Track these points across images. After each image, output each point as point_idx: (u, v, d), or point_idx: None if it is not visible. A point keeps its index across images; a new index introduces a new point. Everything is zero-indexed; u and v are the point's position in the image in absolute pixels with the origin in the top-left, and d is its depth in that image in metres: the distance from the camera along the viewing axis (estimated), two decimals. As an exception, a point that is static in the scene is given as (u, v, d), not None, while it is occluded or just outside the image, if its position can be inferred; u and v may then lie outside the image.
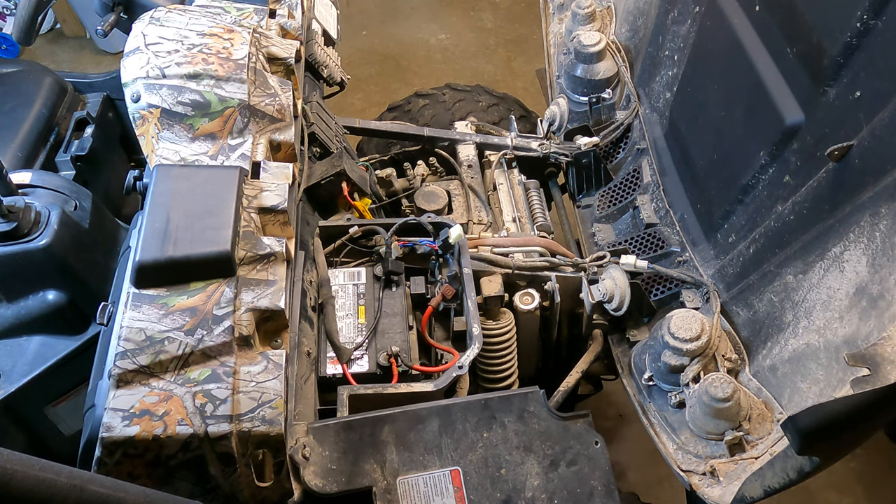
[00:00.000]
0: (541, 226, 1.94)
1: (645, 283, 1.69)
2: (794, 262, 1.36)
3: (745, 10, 1.57)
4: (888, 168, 1.16)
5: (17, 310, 1.59)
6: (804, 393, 1.25)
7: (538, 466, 1.30)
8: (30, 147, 1.97)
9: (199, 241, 1.22)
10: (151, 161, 1.42)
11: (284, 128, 1.49)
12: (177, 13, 1.55)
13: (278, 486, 1.18)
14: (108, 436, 1.07)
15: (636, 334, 1.68)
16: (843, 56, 1.27)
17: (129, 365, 1.12)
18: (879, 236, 1.16)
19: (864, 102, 1.23)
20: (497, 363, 1.60)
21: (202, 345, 1.15)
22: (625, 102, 2.07)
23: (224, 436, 1.10)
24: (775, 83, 1.45)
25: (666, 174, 1.87)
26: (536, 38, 4.23)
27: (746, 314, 1.49)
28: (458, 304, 1.54)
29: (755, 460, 1.30)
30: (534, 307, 1.62)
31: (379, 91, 3.98)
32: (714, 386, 1.34)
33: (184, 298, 1.20)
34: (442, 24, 4.42)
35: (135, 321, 1.17)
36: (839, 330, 1.20)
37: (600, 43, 2.04)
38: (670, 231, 1.78)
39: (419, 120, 2.38)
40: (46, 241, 1.52)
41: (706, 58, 1.73)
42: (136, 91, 1.41)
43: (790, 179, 1.41)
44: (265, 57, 1.56)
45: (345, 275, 1.56)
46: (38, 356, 1.60)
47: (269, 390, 1.15)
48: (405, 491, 1.26)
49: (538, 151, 2.09)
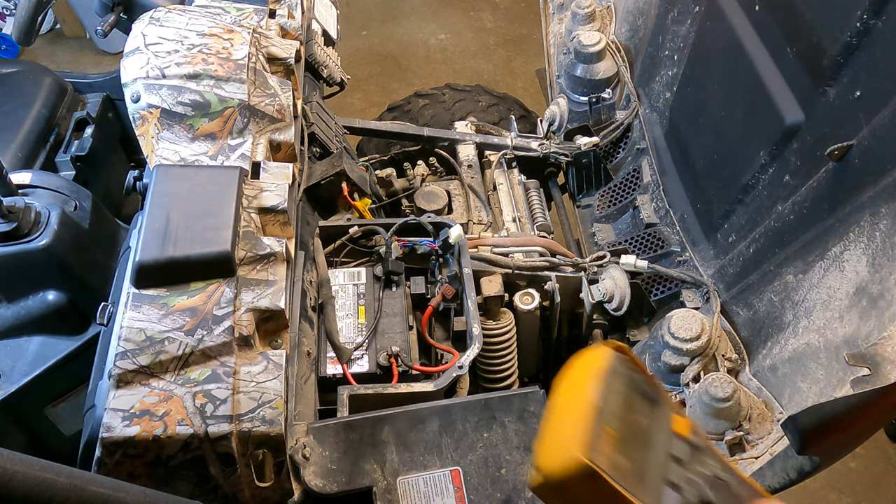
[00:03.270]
0: (541, 226, 1.94)
1: (645, 283, 1.69)
2: (794, 262, 1.36)
3: (744, 9, 1.57)
4: (888, 168, 1.16)
5: (17, 310, 1.59)
6: (804, 393, 1.25)
7: (538, 466, 1.30)
8: (30, 147, 1.97)
9: (199, 241, 1.22)
10: (151, 161, 1.42)
11: (284, 128, 1.49)
12: (177, 13, 1.54)
13: (278, 487, 1.18)
14: (109, 436, 1.07)
15: (636, 334, 1.68)
16: (843, 56, 1.27)
17: (129, 365, 1.12)
18: (879, 236, 1.16)
19: (864, 102, 1.23)
20: (497, 363, 1.60)
21: (202, 345, 1.15)
22: (625, 102, 2.07)
23: (224, 436, 1.10)
24: (775, 83, 1.45)
25: (666, 174, 1.87)
26: (536, 38, 4.24)
27: (746, 314, 1.49)
28: (458, 304, 1.54)
29: (755, 460, 1.30)
30: (534, 307, 1.62)
31: (379, 91, 3.98)
32: (714, 386, 1.34)
33: (184, 298, 1.20)
34: (442, 24, 4.42)
35: (135, 321, 1.17)
36: (839, 329, 1.20)
37: (600, 43, 2.04)
38: (670, 231, 1.78)
39: (419, 120, 2.38)
40: (46, 242, 1.52)
41: (706, 57, 1.73)
42: (136, 91, 1.41)
43: (790, 179, 1.41)
44: (265, 57, 1.56)
45: (345, 275, 1.56)
46: (38, 356, 1.60)
47: (269, 390, 1.15)
48: (405, 491, 1.26)
49: (538, 151, 2.09)
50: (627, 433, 0.53)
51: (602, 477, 0.49)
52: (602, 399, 0.53)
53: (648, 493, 0.52)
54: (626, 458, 0.51)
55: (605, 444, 0.51)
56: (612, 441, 0.51)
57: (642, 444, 0.54)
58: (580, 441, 0.49)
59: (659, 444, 0.56)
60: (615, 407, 0.53)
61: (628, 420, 0.54)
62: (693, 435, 0.59)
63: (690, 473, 0.56)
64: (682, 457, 0.57)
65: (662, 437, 0.56)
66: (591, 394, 0.53)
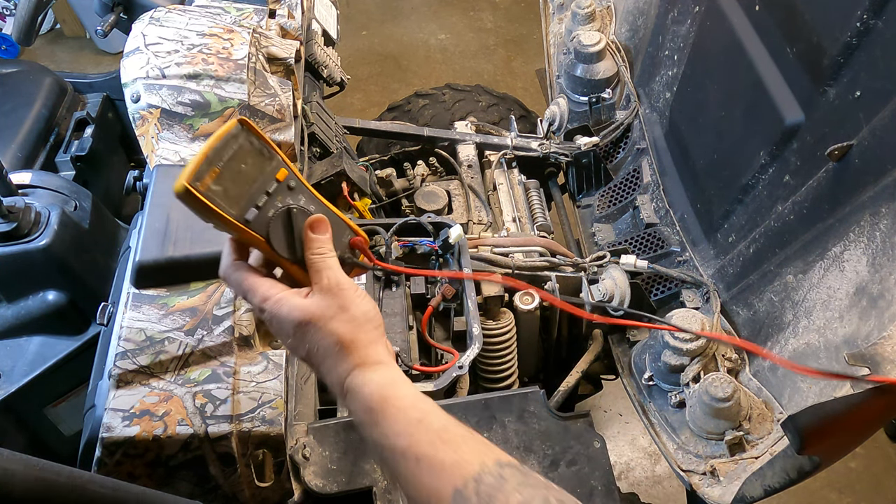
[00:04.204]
0: (541, 226, 1.94)
1: (645, 283, 1.69)
2: (794, 262, 1.36)
3: (744, 9, 1.57)
4: (888, 168, 1.16)
5: (17, 310, 1.59)
6: (804, 392, 1.25)
7: (538, 466, 1.30)
8: (30, 147, 1.97)
9: (199, 241, 1.21)
10: (151, 161, 1.42)
11: (284, 128, 1.49)
12: (176, 13, 1.55)
13: (278, 487, 1.18)
14: (109, 436, 1.07)
15: (636, 334, 1.68)
16: (843, 56, 1.27)
17: (129, 365, 1.12)
18: (879, 236, 1.15)
19: (864, 102, 1.23)
20: (497, 363, 1.60)
21: (202, 345, 1.15)
22: (625, 102, 2.07)
23: (224, 436, 1.10)
24: (775, 83, 1.45)
25: (666, 174, 1.87)
26: (536, 38, 4.24)
27: (746, 314, 1.49)
28: (458, 304, 1.54)
29: (755, 460, 1.30)
30: (534, 307, 1.62)
31: (379, 91, 3.98)
32: (714, 386, 1.34)
33: (184, 298, 1.20)
34: (442, 24, 4.42)
35: (135, 321, 1.17)
36: (839, 329, 1.20)
37: (600, 43, 2.04)
38: (670, 231, 1.78)
39: (419, 120, 2.38)
40: (46, 242, 1.52)
41: (706, 57, 1.73)
42: (136, 91, 1.41)
43: (790, 179, 1.41)
44: (265, 57, 1.56)
45: (345, 275, 1.55)
46: (38, 356, 1.60)
47: (269, 390, 1.15)
48: (405, 491, 1.26)
49: (538, 151, 2.09)
50: (229, 173, 0.82)
51: (195, 195, 0.79)
52: (215, 151, 0.81)
53: (234, 208, 0.82)
54: (221, 187, 0.81)
55: (208, 177, 0.80)
56: (213, 175, 0.81)
57: (241, 181, 0.83)
58: (188, 173, 0.79)
59: (257, 183, 0.84)
60: (224, 156, 0.82)
61: (233, 165, 0.82)
62: (289, 180, 0.87)
63: (277, 201, 0.85)
64: (272, 192, 0.85)
65: (263, 179, 0.85)
66: (208, 146, 0.81)
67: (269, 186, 0.85)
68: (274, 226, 0.85)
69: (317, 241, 0.85)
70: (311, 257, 0.85)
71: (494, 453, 0.74)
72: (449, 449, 0.72)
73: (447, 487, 0.69)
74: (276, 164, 0.86)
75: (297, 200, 0.87)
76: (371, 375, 0.80)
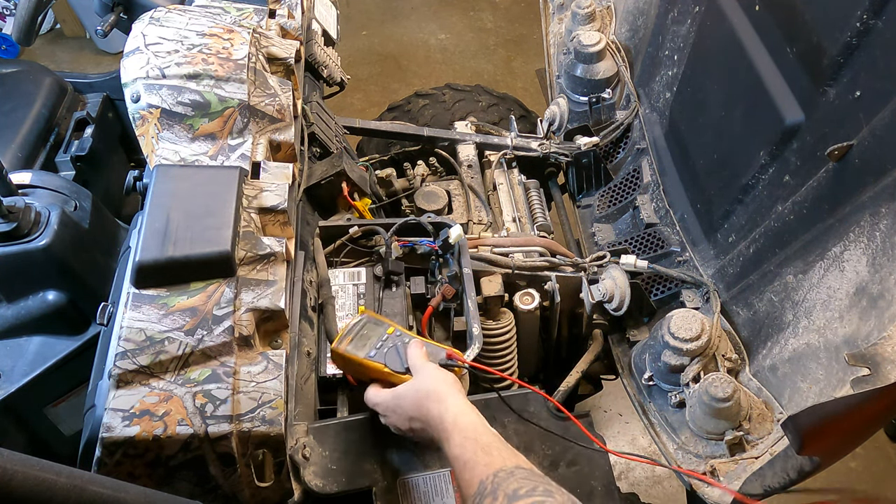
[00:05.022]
0: (541, 226, 1.94)
1: (645, 283, 1.69)
2: (794, 262, 1.36)
3: (744, 9, 1.57)
4: (888, 168, 1.16)
5: (17, 310, 1.59)
6: (804, 393, 1.25)
7: (538, 466, 1.30)
8: (30, 147, 1.97)
9: (199, 241, 1.22)
10: (151, 161, 1.42)
11: (284, 128, 1.49)
12: (176, 13, 1.54)
13: (278, 487, 1.18)
14: (108, 436, 1.07)
15: (636, 334, 1.68)
16: (843, 56, 1.27)
17: (129, 365, 1.12)
18: (879, 236, 1.16)
19: (864, 102, 1.23)
20: (497, 363, 1.60)
21: (202, 345, 1.15)
22: (625, 102, 2.07)
23: (224, 436, 1.10)
24: (775, 83, 1.45)
25: (666, 174, 1.87)
26: (536, 38, 4.24)
27: (746, 314, 1.50)
28: (458, 304, 1.54)
29: (755, 460, 1.30)
30: (534, 307, 1.62)
31: (379, 91, 3.98)
32: (714, 386, 1.34)
33: (184, 298, 1.20)
34: (442, 24, 4.42)
35: (135, 321, 1.17)
36: (839, 329, 1.20)
37: (600, 43, 2.04)
38: (670, 231, 1.78)
39: (419, 120, 2.37)
40: (46, 242, 1.52)
41: (706, 57, 1.73)
42: (136, 91, 1.41)
43: (790, 179, 1.41)
44: (265, 57, 1.56)
45: (345, 275, 1.56)
46: (38, 356, 1.60)
47: (269, 390, 1.15)
48: (405, 491, 1.26)
49: (538, 151, 2.09)
50: (358, 338, 1.27)
51: (339, 352, 1.26)
52: (348, 329, 1.29)
53: (360, 353, 1.25)
54: (353, 346, 1.26)
55: (346, 342, 1.27)
56: (348, 340, 1.27)
57: (364, 342, 1.27)
58: (335, 341, 1.28)
59: (372, 339, 1.27)
60: (355, 331, 1.29)
61: (361, 334, 1.28)
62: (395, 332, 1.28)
63: (388, 342, 1.27)
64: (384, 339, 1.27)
65: (376, 337, 1.27)
66: (345, 327, 1.31)
67: (383, 338, 1.27)
68: (389, 355, 1.24)
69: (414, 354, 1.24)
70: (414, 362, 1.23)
71: (517, 459, 1.04)
72: (486, 456, 1.04)
73: (476, 479, 1.00)
74: (383, 327, 1.29)
75: (402, 340, 1.27)
76: (451, 411, 1.14)
